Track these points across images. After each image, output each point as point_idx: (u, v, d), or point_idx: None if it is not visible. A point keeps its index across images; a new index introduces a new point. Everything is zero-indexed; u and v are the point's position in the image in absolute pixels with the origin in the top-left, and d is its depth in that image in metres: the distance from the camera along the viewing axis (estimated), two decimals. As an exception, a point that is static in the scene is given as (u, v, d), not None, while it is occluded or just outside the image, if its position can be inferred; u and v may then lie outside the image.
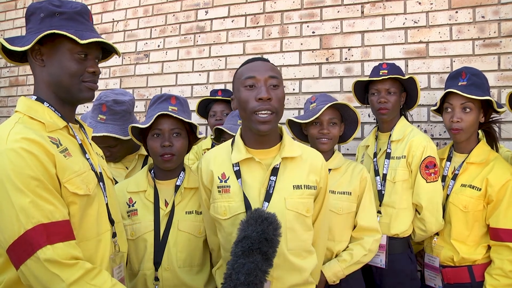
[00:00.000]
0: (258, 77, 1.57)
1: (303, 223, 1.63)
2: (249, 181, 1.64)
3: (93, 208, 1.37)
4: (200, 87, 3.43)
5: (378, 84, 2.31)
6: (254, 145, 1.68)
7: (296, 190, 1.62)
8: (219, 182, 1.67)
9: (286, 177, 1.64)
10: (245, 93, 1.58)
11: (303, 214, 1.62)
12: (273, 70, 1.61)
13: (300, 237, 1.62)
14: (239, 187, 1.63)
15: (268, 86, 1.57)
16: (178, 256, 1.79)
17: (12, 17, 4.37)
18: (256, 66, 1.61)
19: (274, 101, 1.56)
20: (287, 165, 1.66)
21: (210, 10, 3.45)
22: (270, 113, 1.56)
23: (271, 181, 1.62)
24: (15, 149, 1.19)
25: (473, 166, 2.14)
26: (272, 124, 1.58)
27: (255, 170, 1.65)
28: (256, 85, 1.57)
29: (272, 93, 1.56)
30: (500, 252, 2.00)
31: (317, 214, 1.75)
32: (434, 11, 2.77)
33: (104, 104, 2.18)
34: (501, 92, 2.57)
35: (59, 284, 1.16)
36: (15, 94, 4.22)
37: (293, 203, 1.60)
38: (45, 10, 1.35)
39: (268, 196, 1.60)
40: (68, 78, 1.37)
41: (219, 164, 1.71)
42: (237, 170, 1.66)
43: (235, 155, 1.67)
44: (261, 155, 1.67)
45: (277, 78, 1.59)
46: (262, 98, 1.53)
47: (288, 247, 1.58)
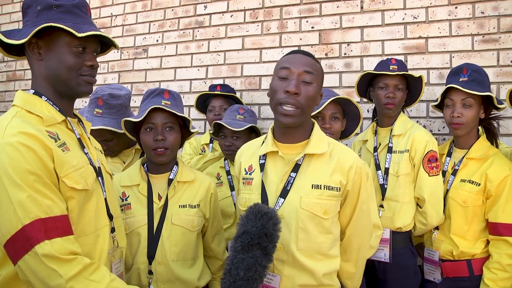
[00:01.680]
0: (292, 70, 1.54)
1: (319, 225, 1.55)
2: (271, 175, 1.63)
3: (91, 203, 1.37)
4: (199, 82, 3.41)
5: (387, 78, 2.32)
6: (282, 139, 1.65)
7: (314, 189, 1.56)
8: (245, 174, 1.69)
9: (307, 174, 1.58)
10: (276, 83, 1.56)
11: (319, 216, 1.54)
12: (310, 66, 1.56)
13: (314, 239, 1.55)
14: (260, 180, 1.62)
15: (300, 81, 1.53)
16: (172, 250, 1.80)
17: (9, 10, 4.34)
18: (294, 58, 1.58)
19: (302, 96, 1.52)
20: (311, 162, 1.60)
21: (209, 5, 3.43)
22: (294, 108, 1.52)
23: (290, 177, 1.58)
24: (12, 143, 1.18)
25: (472, 161, 2.15)
26: (296, 119, 1.54)
27: (278, 164, 1.63)
28: (289, 77, 1.54)
29: (302, 89, 1.52)
30: (498, 246, 2.02)
31: (349, 218, 1.65)
32: (434, 7, 2.76)
33: (100, 98, 2.18)
34: (500, 88, 2.57)
35: (57, 279, 1.15)
36: (12, 89, 4.21)
37: (309, 202, 1.54)
38: (42, 3, 1.33)
39: (284, 192, 1.57)
40: (66, 72, 1.36)
41: (249, 157, 1.72)
42: (262, 163, 1.65)
43: (263, 148, 1.67)
44: (287, 150, 1.63)
45: (312, 74, 1.54)
46: (289, 91, 1.50)
47: (298, 247, 1.53)
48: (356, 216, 1.64)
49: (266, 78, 3.19)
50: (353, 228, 1.66)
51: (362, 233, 1.70)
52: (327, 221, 1.56)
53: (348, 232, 1.66)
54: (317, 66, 1.59)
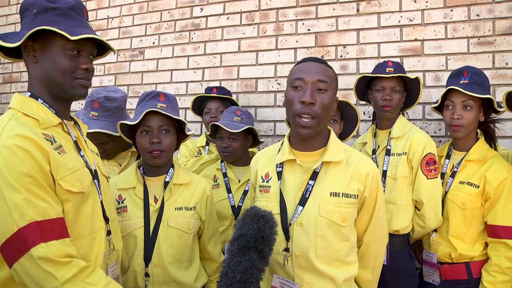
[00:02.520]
0: (306, 79, 1.54)
1: (337, 232, 1.56)
2: (288, 183, 1.62)
3: (87, 205, 1.36)
4: (195, 84, 3.41)
5: (384, 81, 2.32)
6: (298, 147, 1.65)
7: (333, 197, 1.56)
8: (261, 181, 1.69)
9: (325, 182, 1.59)
10: (291, 93, 1.56)
11: (338, 223, 1.55)
12: (324, 74, 1.56)
13: (333, 247, 1.55)
14: (278, 188, 1.62)
15: (314, 90, 1.53)
16: (168, 252, 1.80)
17: (6, 13, 4.33)
18: (307, 67, 1.58)
19: (317, 106, 1.52)
20: (328, 169, 1.61)
21: (205, 7, 3.44)
22: (311, 118, 1.52)
23: (308, 185, 1.58)
24: (8, 146, 1.18)
25: (471, 163, 2.15)
26: (313, 129, 1.54)
27: (296, 172, 1.63)
28: (303, 87, 1.54)
29: (317, 97, 1.53)
30: (497, 249, 2.02)
31: (367, 225, 1.66)
32: (429, 9, 2.77)
33: (96, 101, 2.18)
34: (495, 90, 2.58)
35: (53, 282, 1.15)
36: (9, 91, 4.19)
37: (328, 210, 1.55)
38: (38, 5, 1.33)
39: (303, 200, 1.57)
40: (60, 75, 1.35)
41: (265, 164, 1.72)
42: (280, 171, 1.65)
43: (280, 156, 1.66)
44: (304, 158, 1.63)
45: (325, 83, 1.54)
46: (305, 101, 1.51)
47: (317, 254, 1.54)
48: (373, 223, 1.66)
49: (262, 81, 3.19)
50: (371, 235, 1.67)
51: (379, 239, 1.71)
52: (345, 229, 1.57)
53: (365, 239, 1.67)
54: (330, 73, 1.60)
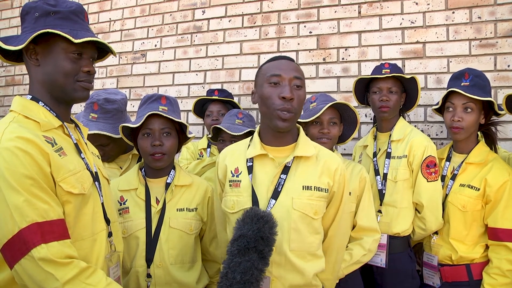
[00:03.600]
0: (284, 76, 1.58)
1: (309, 225, 1.60)
2: (260, 177, 1.64)
3: (88, 207, 1.37)
4: (197, 87, 3.42)
5: (380, 82, 2.33)
6: (270, 142, 1.67)
7: (305, 190, 1.60)
8: (231, 176, 1.69)
9: (297, 176, 1.62)
10: (269, 89, 1.58)
11: (310, 216, 1.59)
12: (298, 71, 1.62)
13: (305, 239, 1.59)
14: (249, 182, 1.63)
15: (292, 86, 1.57)
16: (170, 253, 1.81)
17: (8, 16, 4.35)
18: (282, 64, 1.62)
19: (295, 101, 1.57)
20: (299, 164, 1.65)
21: (207, 10, 3.45)
22: (291, 113, 1.56)
23: (280, 179, 1.61)
24: (9, 148, 1.18)
25: (472, 166, 2.15)
26: (291, 123, 1.59)
27: (267, 167, 1.65)
28: (281, 83, 1.58)
29: (295, 93, 1.57)
30: (498, 252, 2.02)
31: (332, 219, 1.70)
32: (431, 12, 2.77)
33: (96, 103, 2.18)
34: (497, 92, 2.58)
35: (53, 283, 1.15)
36: (11, 94, 4.21)
37: (300, 203, 1.58)
38: (40, 9, 1.34)
39: (275, 194, 1.59)
40: (63, 78, 1.36)
41: (234, 159, 1.73)
42: (250, 166, 1.67)
43: (250, 151, 1.68)
44: (276, 153, 1.66)
45: (300, 79, 1.60)
46: (285, 97, 1.54)
47: (290, 247, 1.56)
48: (338, 218, 1.71)
49: (264, 83, 3.19)
50: (335, 229, 1.72)
51: (342, 235, 1.78)
52: (317, 222, 1.62)
53: (330, 233, 1.71)
54: (302, 71, 1.66)
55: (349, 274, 2.04)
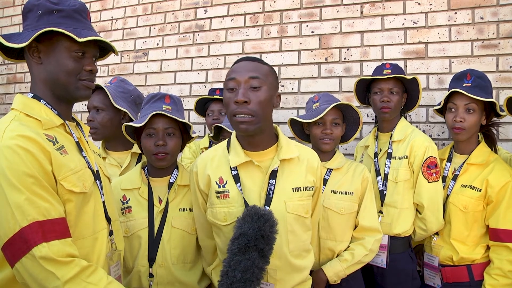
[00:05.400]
0: (238, 79, 1.54)
1: (302, 225, 1.63)
2: (248, 185, 1.61)
3: (89, 206, 1.37)
4: (199, 86, 3.42)
5: (381, 83, 2.32)
6: (248, 147, 1.65)
7: (295, 192, 1.61)
8: (217, 187, 1.63)
9: (285, 179, 1.62)
10: (226, 95, 1.57)
11: (303, 216, 1.62)
12: (256, 70, 1.55)
13: (300, 238, 1.62)
14: (238, 192, 1.60)
15: (247, 88, 1.53)
16: (172, 253, 1.81)
17: (10, 13, 4.35)
18: (238, 67, 1.58)
19: (252, 103, 1.52)
20: (285, 167, 1.64)
21: (210, 9, 3.45)
22: (247, 116, 1.52)
23: (270, 185, 1.59)
24: (10, 146, 1.18)
25: (473, 167, 2.15)
26: (252, 125, 1.53)
27: (254, 174, 1.63)
28: (237, 87, 1.54)
29: (252, 95, 1.52)
30: (499, 253, 2.02)
31: (312, 211, 1.75)
32: (433, 12, 2.77)
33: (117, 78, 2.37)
34: (499, 93, 2.58)
35: (54, 282, 1.16)
36: (12, 92, 4.21)
37: (293, 206, 1.59)
38: (42, 7, 1.34)
39: (268, 200, 1.58)
40: (65, 76, 1.36)
41: (215, 168, 1.67)
42: (236, 174, 1.63)
43: (233, 159, 1.64)
44: (259, 157, 1.64)
45: (258, 79, 1.53)
46: (237, 101, 1.51)
47: (289, 249, 1.58)
48: (317, 209, 1.80)
49: (266, 82, 3.19)
50: (315, 219, 1.83)
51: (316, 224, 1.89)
52: (308, 219, 1.66)
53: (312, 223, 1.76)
54: (263, 69, 1.58)
55: (351, 274, 2.03)
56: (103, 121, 2.23)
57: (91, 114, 2.24)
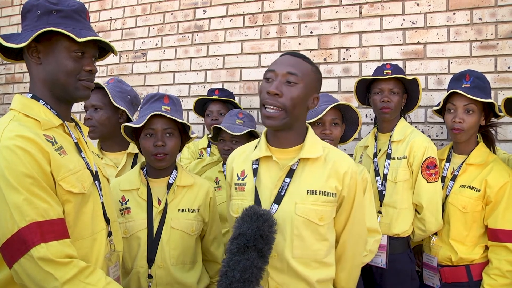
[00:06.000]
0: (277, 71, 1.52)
1: (314, 232, 1.52)
2: (264, 180, 1.59)
3: (88, 206, 1.36)
4: (198, 86, 3.42)
5: (381, 83, 2.32)
6: (274, 142, 1.61)
7: (310, 195, 1.52)
8: (237, 179, 1.65)
9: (302, 180, 1.55)
10: (262, 85, 1.55)
11: (315, 222, 1.51)
12: (295, 67, 1.53)
13: (310, 247, 1.51)
14: (253, 186, 1.59)
15: (283, 82, 1.51)
16: (171, 254, 1.81)
17: (9, 13, 4.34)
18: (280, 60, 1.57)
19: (284, 98, 1.49)
20: (305, 167, 1.57)
21: (208, 9, 3.45)
22: (276, 109, 1.49)
23: (284, 183, 1.54)
24: (9, 147, 1.18)
25: (472, 167, 2.16)
26: (279, 121, 1.50)
27: (272, 170, 1.59)
28: (274, 79, 1.52)
29: (285, 89, 1.50)
30: (498, 253, 2.02)
31: (344, 225, 1.62)
32: (432, 13, 2.77)
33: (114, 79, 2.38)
34: (497, 94, 2.58)
35: (52, 282, 1.15)
36: (11, 92, 4.21)
37: (304, 209, 1.51)
38: (42, 7, 1.34)
39: (278, 198, 1.53)
40: (65, 76, 1.36)
41: (241, 162, 1.69)
42: (255, 168, 1.61)
43: (256, 152, 1.63)
44: (281, 154, 1.60)
45: (295, 75, 1.51)
46: (269, 91, 1.49)
47: (293, 254, 1.50)
48: (350, 223, 1.62)
49: (265, 83, 3.18)
50: (348, 234, 1.63)
51: (357, 240, 1.67)
52: (323, 228, 1.53)
53: (342, 239, 1.63)
54: (304, 67, 1.55)
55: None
56: (101, 119, 2.24)
57: (89, 112, 2.25)
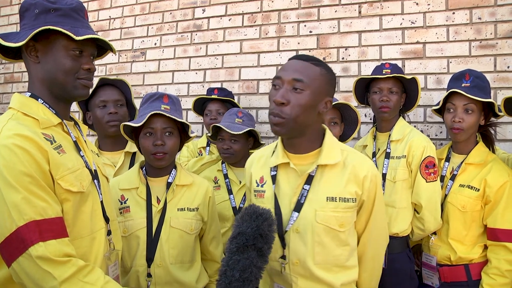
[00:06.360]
0: (283, 78, 1.48)
1: (335, 238, 1.51)
2: (283, 187, 1.58)
3: (87, 205, 1.36)
4: (197, 86, 3.42)
5: (380, 82, 2.32)
6: (290, 149, 1.59)
7: (329, 202, 1.51)
8: (256, 186, 1.64)
9: (321, 186, 1.53)
10: (270, 92, 1.53)
11: (335, 229, 1.50)
12: (302, 72, 1.47)
13: (331, 252, 1.51)
14: (272, 193, 1.58)
15: (289, 89, 1.47)
16: (170, 253, 1.81)
17: (7, 13, 4.34)
18: (287, 65, 1.52)
19: (289, 106, 1.45)
20: (324, 173, 1.54)
21: (207, 9, 3.44)
22: (279, 118, 1.46)
23: (303, 190, 1.53)
24: (7, 145, 1.18)
25: (471, 166, 2.16)
26: (284, 128, 1.48)
27: (290, 177, 1.58)
28: (280, 86, 1.49)
29: (292, 97, 1.46)
30: (497, 252, 2.02)
31: (364, 227, 1.62)
32: (431, 12, 2.77)
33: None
34: (497, 93, 2.58)
35: (51, 281, 1.15)
36: (10, 91, 4.20)
37: (324, 216, 1.50)
38: (40, 6, 1.33)
39: (298, 206, 1.52)
40: (63, 75, 1.35)
41: (260, 167, 1.68)
42: (274, 175, 1.60)
43: (273, 159, 1.61)
44: (298, 160, 1.58)
45: (301, 82, 1.46)
46: (275, 101, 1.46)
47: (315, 261, 1.50)
48: (371, 226, 1.61)
49: (264, 82, 3.19)
50: (368, 237, 1.63)
51: (377, 242, 1.66)
52: (344, 234, 1.53)
53: (362, 240, 1.63)
54: (312, 71, 1.49)
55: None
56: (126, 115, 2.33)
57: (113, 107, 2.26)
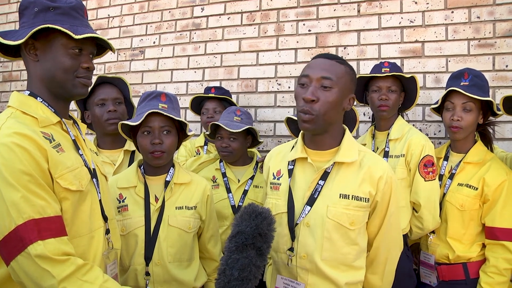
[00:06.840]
0: (311, 76, 1.52)
1: (344, 236, 1.53)
2: (299, 181, 1.61)
3: (86, 204, 1.36)
4: (196, 84, 3.41)
5: (379, 81, 2.32)
6: (310, 145, 1.63)
7: (342, 199, 1.53)
8: (273, 178, 1.68)
9: (335, 183, 1.56)
10: (297, 90, 1.55)
11: (346, 226, 1.52)
12: (329, 70, 1.52)
13: (339, 250, 1.53)
14: (288, 186, 1.61)
15: (318, 87, 1.50)
16: (169, 251, 1.82)
17: (6, 11, 4.33)
18: (314, 63, 1.56)
19: (319, 103, 1.49)
20: (340, 170, 1.58)
21: (206, 7, 3.44)
22: (310, 115, 1.50)
23: (318, 185, 1.56)
24: (6, 144, 1.18)
25: (470, 165, 2.16)
26: (313, 125, 1.52)
27: (307, 171, 1.61)
28: (308, 84, 1.52)
29: (321, 95, 1.50)
30: (495, 251, 2.03)
31: (377, 230, 1.61)
32: (430, 11, 2.77)
33: None
34: (495, 92, 2.58)
35: (50, 280, 1.15)
36: (8, 90, 4.19)
37: (336, 212, 1.52)
38: (39, 4, 1.33)
39: (311, 200, 1.55)
40: (62, 74, 1.35)
41: (278, 161, 1.71)
42: (291, 169, 1.64)
43: (292, 153, 1.66)
44: (316, 156, 1.61)
45: (330, 80, 1.50)
46: (304, 98, 1.50)
47: (322, 257, 1.52)
48: (384, 228, 1.61)
49: (263, 81, 3.19)
50: (381, 240, 1.63)
51: (390, 245, 1.66)
52: (353, 232, 1.54)
53: (375, 243, 1.63)
54: (338, 69, 1.54)
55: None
56: (124, 113, 2.32)
57: (112, 105, 2.26)
